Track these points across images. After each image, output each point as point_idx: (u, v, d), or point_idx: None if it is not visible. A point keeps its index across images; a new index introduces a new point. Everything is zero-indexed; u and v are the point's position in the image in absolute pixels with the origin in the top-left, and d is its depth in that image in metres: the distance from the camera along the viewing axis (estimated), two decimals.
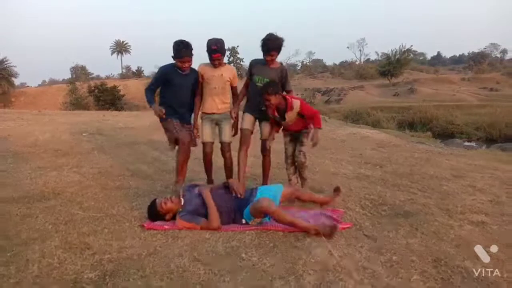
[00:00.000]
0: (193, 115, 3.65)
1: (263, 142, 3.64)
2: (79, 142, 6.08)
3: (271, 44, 3.32)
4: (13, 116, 9.54)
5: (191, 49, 3.31)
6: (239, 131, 3.68)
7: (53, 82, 68.16)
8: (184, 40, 3.28)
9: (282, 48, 3.40)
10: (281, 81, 3.52)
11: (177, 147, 3.47)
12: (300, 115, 3.43)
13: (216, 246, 2.50)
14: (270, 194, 2.95)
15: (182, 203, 2.94)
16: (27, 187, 3.72)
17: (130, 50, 74.29)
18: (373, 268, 2.23)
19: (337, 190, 3.35)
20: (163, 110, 3.31)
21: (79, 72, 55.58)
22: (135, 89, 38.60)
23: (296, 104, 3.39)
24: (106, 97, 30.77)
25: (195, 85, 3.53)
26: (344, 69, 62.97)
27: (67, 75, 61.46)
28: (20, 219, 2.94)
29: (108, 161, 4.86)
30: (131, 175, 4.29)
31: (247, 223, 2.84)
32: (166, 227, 2.79)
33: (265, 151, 3.66)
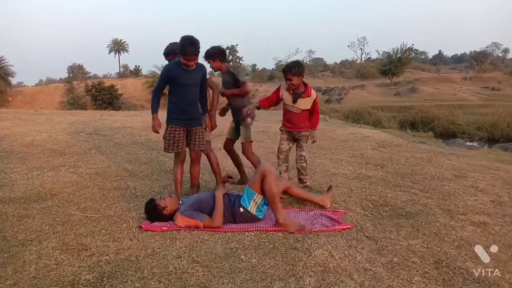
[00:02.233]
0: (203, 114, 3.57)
1: (244, 144, 3.75)
2: (76, 142, 6.04)
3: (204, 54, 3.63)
4: (10, 116, 9.50)
5: (198, 47, 3.14)
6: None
7: (50, 81, 67.39)
8: (192, 37, 3.10)
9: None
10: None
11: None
12: (310, 110, 3.47)
13: (215, 248, 2.48)
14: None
15: (180, 203, 2.96)
16: (23, 187, 3.70)
17: (128, 49, 74.28)
18: (374, 269, 2.21)
19: (330, 189, 3.41)
20: (159, 130, 3.39)
21: (76, 71, 55.73)
22: (133, 88, 38.55)
23: (314, 93, 3.44)
24: (104, 96, 30.71)
25: (204, 81, 3.42)
26: (345, 68, 63.07)
27: (64, 74, 61.65)
28: (17, 220, 2.92)
29: (106, 162, 4.83)
30: (128, 176, 4.26)
31: (245, 209, 2.86)
32: (164, 228, 2.76)
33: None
